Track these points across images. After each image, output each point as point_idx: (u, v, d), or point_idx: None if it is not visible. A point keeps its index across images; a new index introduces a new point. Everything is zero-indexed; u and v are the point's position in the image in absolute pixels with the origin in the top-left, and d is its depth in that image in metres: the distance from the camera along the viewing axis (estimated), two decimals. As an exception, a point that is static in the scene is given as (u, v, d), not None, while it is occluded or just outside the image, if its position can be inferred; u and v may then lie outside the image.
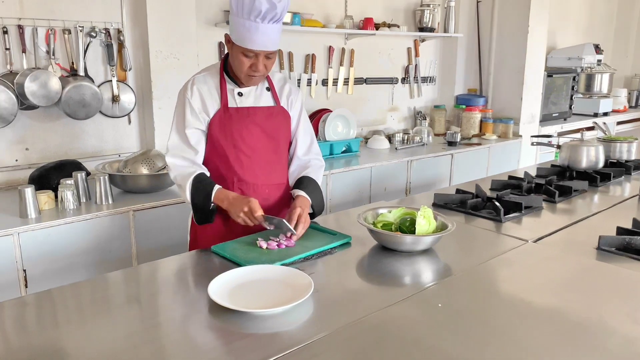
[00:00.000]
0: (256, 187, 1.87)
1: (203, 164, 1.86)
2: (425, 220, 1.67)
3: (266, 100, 1.89)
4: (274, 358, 1.09)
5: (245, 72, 1.74)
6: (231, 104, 1.82)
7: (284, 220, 1.70)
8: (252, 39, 1.65)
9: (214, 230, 1.85)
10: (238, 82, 1.83)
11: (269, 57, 1.73)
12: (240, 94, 1.84)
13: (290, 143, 1.98)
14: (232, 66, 1.79)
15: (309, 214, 1.85)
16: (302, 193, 1.86)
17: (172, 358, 1.11)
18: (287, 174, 1.98)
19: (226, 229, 1.86)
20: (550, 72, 4.87)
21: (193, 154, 1.81)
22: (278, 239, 1.70)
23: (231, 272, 1.44)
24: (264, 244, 1.67)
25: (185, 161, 1.80)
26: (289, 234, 1.72)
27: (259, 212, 1.68)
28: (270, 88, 1.90)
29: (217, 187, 1.77)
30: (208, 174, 1.82)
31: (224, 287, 1.37)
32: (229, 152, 1.82)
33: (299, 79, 3.73)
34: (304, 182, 1.91)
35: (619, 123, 5.80)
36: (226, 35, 1.76)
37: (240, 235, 1.79)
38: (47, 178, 2.48)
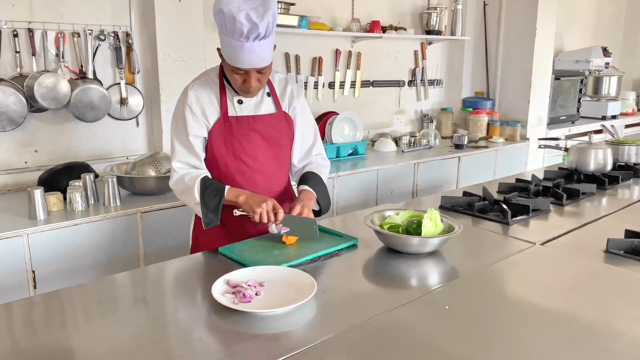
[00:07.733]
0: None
1: None
2: (432, 222, 1.67)
3: (267, 107, 1.85)
4: (279, 359, 1.09)
5: (239, 88, 1.73)
6: (231, 112, 1.79)
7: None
8: (239, 57, 1.62)
9: (215, 233, 1.84)
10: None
11: (261, 72, 1.69)
12: (240, 102, 1.81)
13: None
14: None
15: (315, 211, 1.87)
16: (306, 187, 1.86)
17: (178, 358, 1.12)
18: (288, 179, 1.98)
19: (227, 232, 1.86)
20: (557, 75, 4.84)
21: (198, 161, 1.79)
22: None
23: (235, 273, 1.45)
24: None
25: (191, 168, 1.79)
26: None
27: (282, 213, 1.69)
28: (271, 93, 1.87)
29: (227, 185, 1.77)
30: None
31: (227, 288, 1.38)
32: (229, 162, 1.81)
33: (306, 82, 3.74)
34: (308, 177, 1.91)
35: (627, 126, 5.75)
36: (218, 49, 1.73)
37: (240, 238, 1.79)
38: (55, 180, 2.50)
